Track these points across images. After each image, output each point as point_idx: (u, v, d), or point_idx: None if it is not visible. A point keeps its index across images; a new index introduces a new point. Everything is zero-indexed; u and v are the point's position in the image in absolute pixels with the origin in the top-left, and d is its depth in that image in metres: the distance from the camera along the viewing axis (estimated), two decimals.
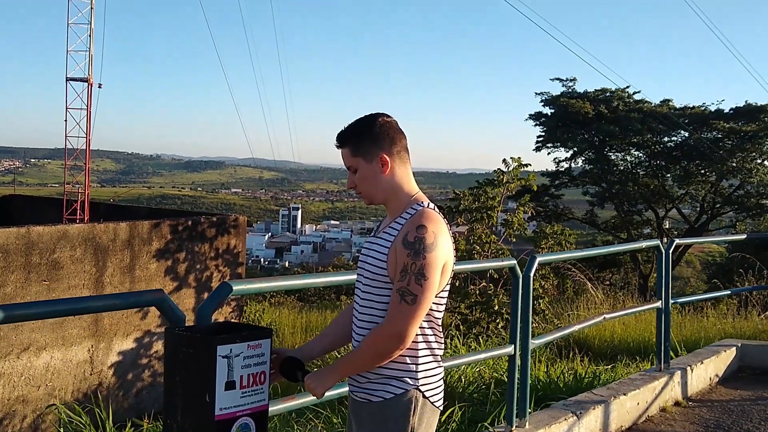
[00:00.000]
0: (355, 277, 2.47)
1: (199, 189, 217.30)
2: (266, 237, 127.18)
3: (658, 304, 5.69)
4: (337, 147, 2.42)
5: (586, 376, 6.23)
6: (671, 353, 6.93)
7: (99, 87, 18.54)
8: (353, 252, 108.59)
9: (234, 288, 2.57)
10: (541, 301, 11.68)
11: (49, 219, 14.73)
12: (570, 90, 31.14)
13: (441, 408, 2.37)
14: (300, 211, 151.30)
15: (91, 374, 9.56)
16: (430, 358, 2.31)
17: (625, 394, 5.05)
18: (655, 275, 34.25)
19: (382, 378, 2.27)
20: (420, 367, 2.28)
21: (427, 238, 2.20)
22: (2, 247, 8.41)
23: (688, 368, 5.95)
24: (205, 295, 12.09)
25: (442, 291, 2.32)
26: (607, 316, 5.54)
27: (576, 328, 4.97)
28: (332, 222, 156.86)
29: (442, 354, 2.36)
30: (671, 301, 5.86)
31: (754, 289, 9.79)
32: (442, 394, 2.37)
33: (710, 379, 6.35)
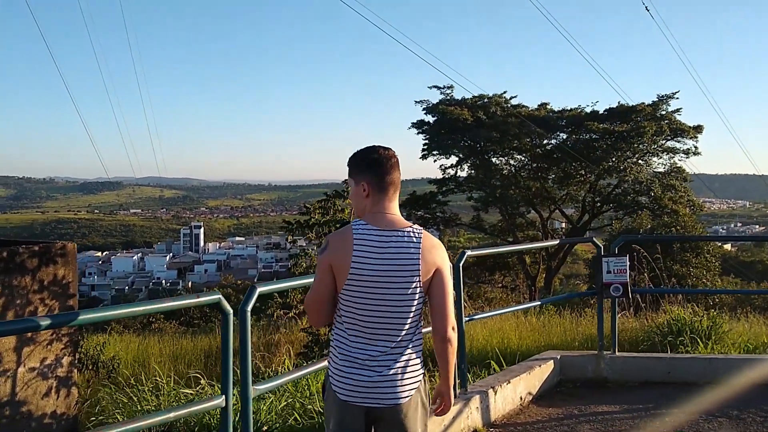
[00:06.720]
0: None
1: (96, 211, 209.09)
2: (167, 258, 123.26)
3: None
4: None
5: None
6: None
7: None
8: (259, 268, 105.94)
9: None
10: None
11: None
12: (448, 97, 31.17)
13: (344, 400, 2.64)
14: (202, 229, 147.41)
15: None
16: (337, 354, 2.71)
17: None
18: (543, 275, 33.93)
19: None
20: (331, 359, 2.75)
21: (322, 245, 2.73)
22: None
23: (491, 390, 5.47)
24: (30, 334, 10.98)
25: (346, 292, 2.66)
26: None
27: None
28: (237, 238, 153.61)
29: (357, 351, 2.64)
30: (465, 319, 5.39)
31: (569, 297, 9.20)
32: (347, 389, 2.64)
33: (521, 398, 5.91)
